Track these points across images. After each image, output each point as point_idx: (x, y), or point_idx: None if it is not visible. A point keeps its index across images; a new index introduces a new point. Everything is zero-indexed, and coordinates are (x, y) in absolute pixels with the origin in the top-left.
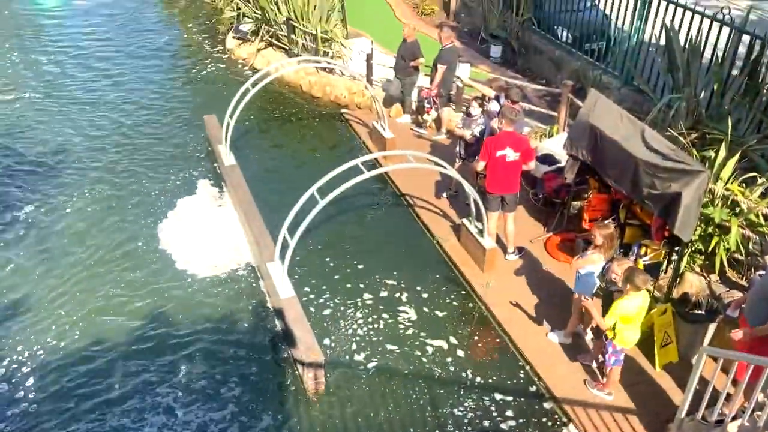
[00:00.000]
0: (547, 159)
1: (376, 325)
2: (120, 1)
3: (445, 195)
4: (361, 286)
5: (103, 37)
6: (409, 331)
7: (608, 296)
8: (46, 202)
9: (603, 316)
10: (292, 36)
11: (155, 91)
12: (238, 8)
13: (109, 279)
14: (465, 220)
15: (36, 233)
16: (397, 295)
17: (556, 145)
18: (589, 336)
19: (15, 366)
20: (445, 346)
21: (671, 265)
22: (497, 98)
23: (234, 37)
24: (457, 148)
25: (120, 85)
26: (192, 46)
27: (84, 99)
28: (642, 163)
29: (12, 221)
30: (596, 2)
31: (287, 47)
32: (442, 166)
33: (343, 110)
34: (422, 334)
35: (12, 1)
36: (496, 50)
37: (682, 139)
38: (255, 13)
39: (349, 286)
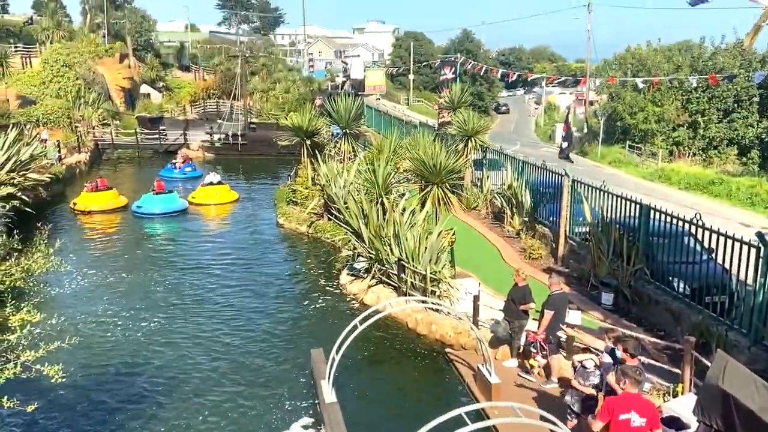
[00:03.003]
0: (673, 423)
1: None
2: (254, 237)
3: None
4: None
5: (229, 265)
6: None
7: None
8: (152, 428)
9: None
10: (402, 275)
11: (269, 320)
12: (354, 248)
13: None
14: None
15: None
16: None
17: (682, 407)
18: None
19: None
20: None
21: None
22: (612, 351)
23: (348, 274)
24: (569, 401)
25: (237, 312)
26: (308, 281)
27: (202, 325)
28: None
29: None
30: (712, 255)
31: (396, 285)
32: (554, 423)
33: (447, 350)
34: None
35: (149, 228)
36: (607, 297)
37: None
38: (369, 253)
39: None
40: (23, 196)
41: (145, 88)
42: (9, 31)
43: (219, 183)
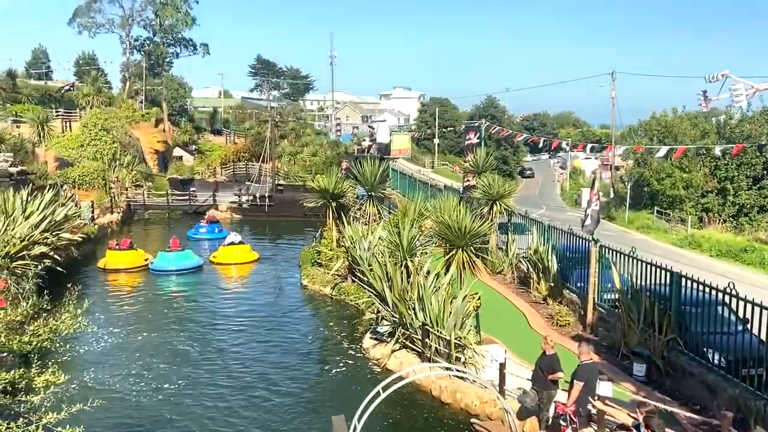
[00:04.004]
0: None
1: None
2: (278, 298)
3: None
4: None
5: (253, 326)
6: None
7: None
8: None
9: None
10: (426, 340)
11: (290, 383)
12: (378, 311)
13: None
14: None
15: None
16: None
17: None
18: None
19: None
20: None
21: None
22: (636, 427)
23: (371, 338)
24: None
25: (258, 375)
26: (330, 343)
27: (222, 388)
28: None
29: None
30: (747, 326)
31: (420, 350)
32: None
33: (473, 420)
34: None
35: (172, 287)
36: (639, 368)
37: None
38: (393, 316)
39: None
40: (55, 256)
41: (177, 151)
42: (51, 96)
43: (240, 243)
